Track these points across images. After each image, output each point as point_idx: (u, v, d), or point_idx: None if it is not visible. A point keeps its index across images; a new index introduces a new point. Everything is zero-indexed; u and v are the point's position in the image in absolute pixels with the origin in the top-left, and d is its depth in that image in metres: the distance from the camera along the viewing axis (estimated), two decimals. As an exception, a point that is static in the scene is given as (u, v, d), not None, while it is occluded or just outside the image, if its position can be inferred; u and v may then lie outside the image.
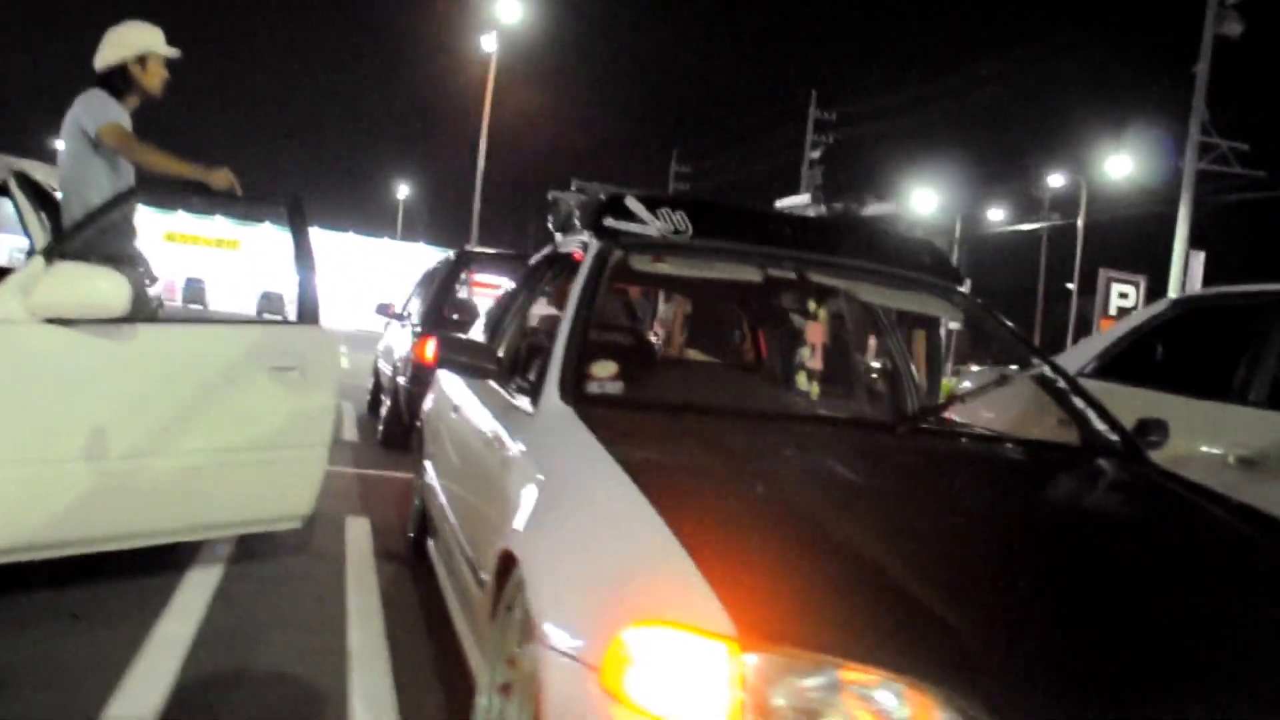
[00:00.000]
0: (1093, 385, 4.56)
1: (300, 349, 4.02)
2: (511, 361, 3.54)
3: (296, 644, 3.46)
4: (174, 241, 52.45)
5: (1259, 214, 24.90)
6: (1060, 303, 33.03)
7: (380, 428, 8.95)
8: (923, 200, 33.92)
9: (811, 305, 3.25)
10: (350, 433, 9.26)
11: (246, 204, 4.49)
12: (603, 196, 3.31)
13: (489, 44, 29.74)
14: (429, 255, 34.10)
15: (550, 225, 3.89)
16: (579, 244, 3.30)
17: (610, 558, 1.78)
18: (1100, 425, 3.01)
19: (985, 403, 5.11)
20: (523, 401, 2.82)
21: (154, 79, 4.29)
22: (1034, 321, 32.46)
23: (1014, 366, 3.29)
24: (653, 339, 6.38)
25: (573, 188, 3.94)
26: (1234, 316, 4.13)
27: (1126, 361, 4.53)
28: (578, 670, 1.61)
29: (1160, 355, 4.44)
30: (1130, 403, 4.37)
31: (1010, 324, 3.38)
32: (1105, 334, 4.80)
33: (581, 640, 1.65)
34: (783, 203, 6.57)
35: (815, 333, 3.19)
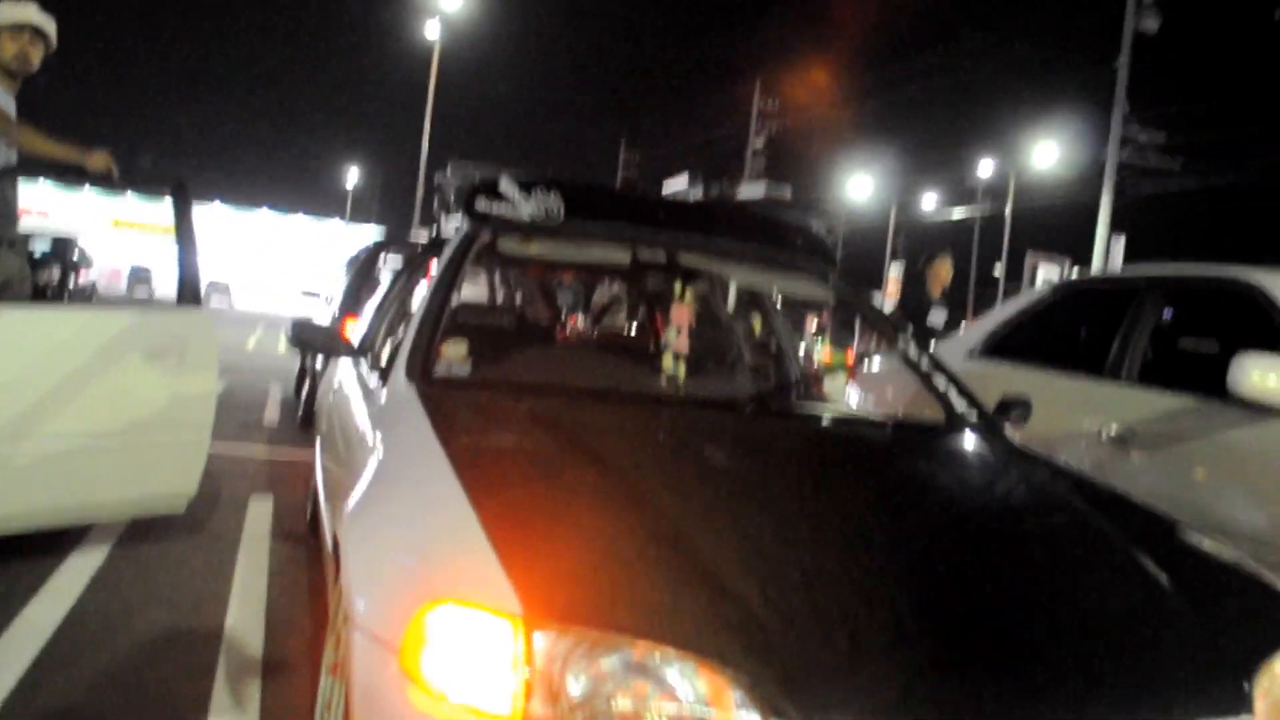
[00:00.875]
0: (979, 364, 4.67)
1: (179, 332, 3.96)
2: (388, 345, 3.52)
3: (170, 624, 3.41)
4: (122, 228, 51.44)
5: (1175, 201, 25.51)
6: (991, 287, 33.64)
7: (300, 409, 8.91)
8: (859, 187, 34.36)
9: (677, 287, 3.27)
10: (272, 414, 9.22)
11: (128, 186, 4.39)
12: (477, 179, 3.32)
13: (432, 31, 29.49)
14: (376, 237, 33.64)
15: (434, 209, 3.88)
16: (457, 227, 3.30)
17: (415, 538, 1.77)
18: (960, 403, 3.06)
19: (883, 383, 5.22)
20: (375, 382, 2.83)
21: (7, 53, 4.16)
22: (967, 304, 33.02)
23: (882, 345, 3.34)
24: (575, 320, 6.36)
25: (448, 171, 3.92)
26: (1109, 299, 4.23)
27: (1013, 341, 4.63)
28: (380, 651, 1.60)
29: (1043, 335, 4.53)
30: (1011, 380, 4.47)
31: (878, 308, 3.44)
32: (993, 315, 4.90)
33: (383, 621, 1.63)
34: (668, 186, 6.64)
35: (681, 314, 3.21)
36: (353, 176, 64.65)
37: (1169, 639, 1.79)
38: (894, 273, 28.96)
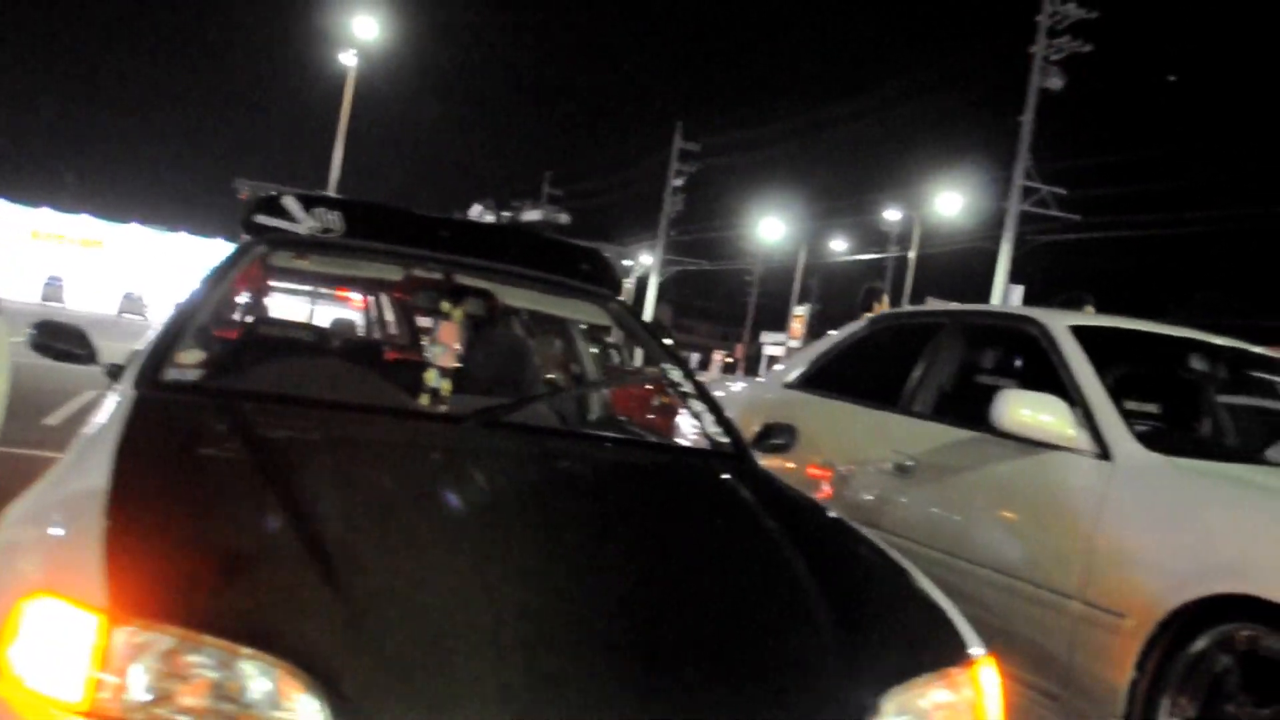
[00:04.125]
0: (793, 395, 4.72)
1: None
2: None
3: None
4: (40, 240, 50.95)
5: (1073, 252, 26.33)
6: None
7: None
8: (770, 229, 34.90)
9: (445, 306, 3.28)
10: (61, 416, 9.00)
11: None
12: (260, 196, 3.34)
13: (348, 60, 29.25)
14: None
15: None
16: None
17: (34, 533, 1.77)
18: (714, 428, 3.06)
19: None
20: (114, 385, 2.76)
21: None
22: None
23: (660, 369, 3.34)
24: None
25: (235, 186, 3.91)
26: (914, 334, 4.31)
27: (828, 373, 4.69)
28: None
29: (855, 368, 4.60)
30: (814, 410, 4.54)
31: (654, 332, 3.46)
32: (815, 346, 4.96)
33: None
34: (471, 213, 6.67)
35: (448, 332, 3.22)
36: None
37: (805, 658, 1.81)
38: (800, 312, 29.44)
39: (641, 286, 38.27)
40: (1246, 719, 2.63)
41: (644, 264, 38.50)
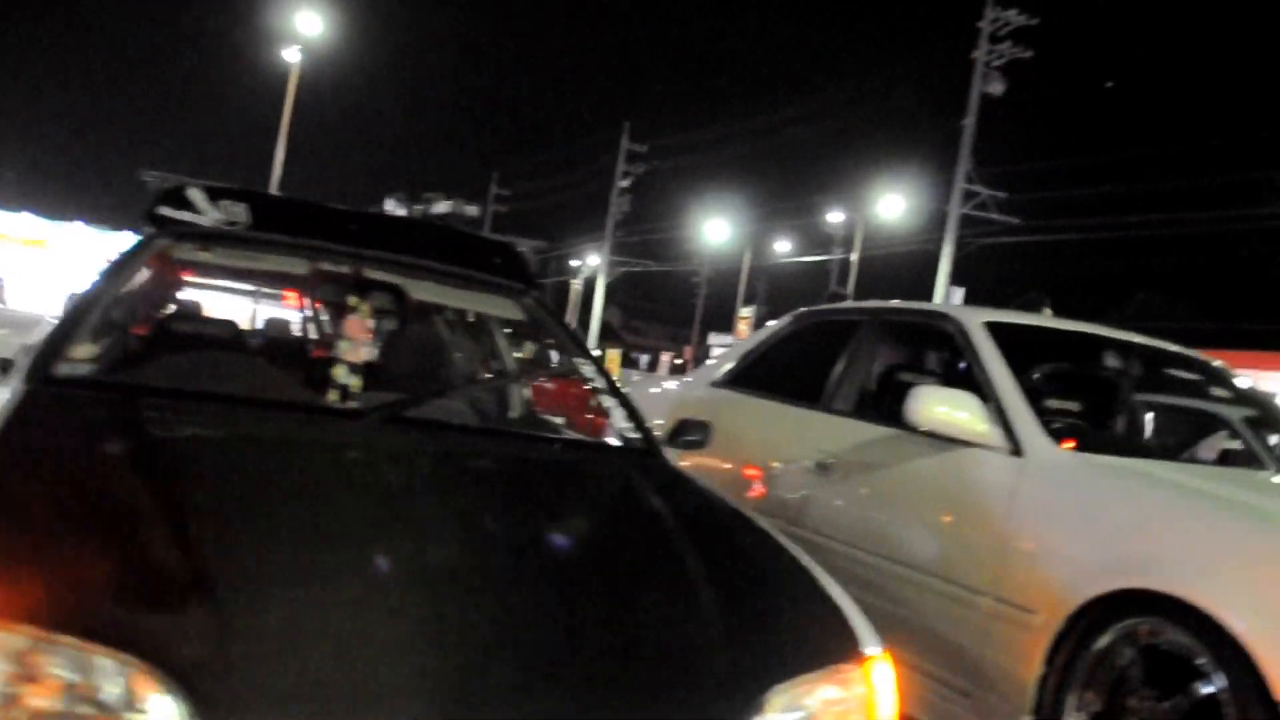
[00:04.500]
0: (719, 393, 4.70)
1: None
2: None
3: None
4: None
5: (1014, 255, 26.70)
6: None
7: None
8: (716, 230, 35.04)
9: (352, 300, 3.21)
10: None
11: None
12: (164, 187, 3.25)
13: (291, 56, 28.79)
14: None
15: None
16: None
17: None
18: (625, 423, 3.02)
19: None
20: (4, 380, 2.67)
21: None
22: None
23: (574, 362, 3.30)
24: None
25: (143, 178, 3.81)
26: (834, 332, 4.31)
27: (754, 370, 4.67)
28: None
29: (779, 365, 4.59)
30: (743, 409, 4.52)
31: (569, 327, 3.42)
32: (742, 343, 4.94)
33: None
34: (386, 206, 6.59)
35: (355, 327, 3.15)
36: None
37: (689, 655, 1.79)
38: (745, 313, 29.57)
39: (589, 287, 38.18)
40: (1148, 713, 2.64)
41: (591, 265, 38.45)
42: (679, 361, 32.98)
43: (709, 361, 5.08)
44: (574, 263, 40.07)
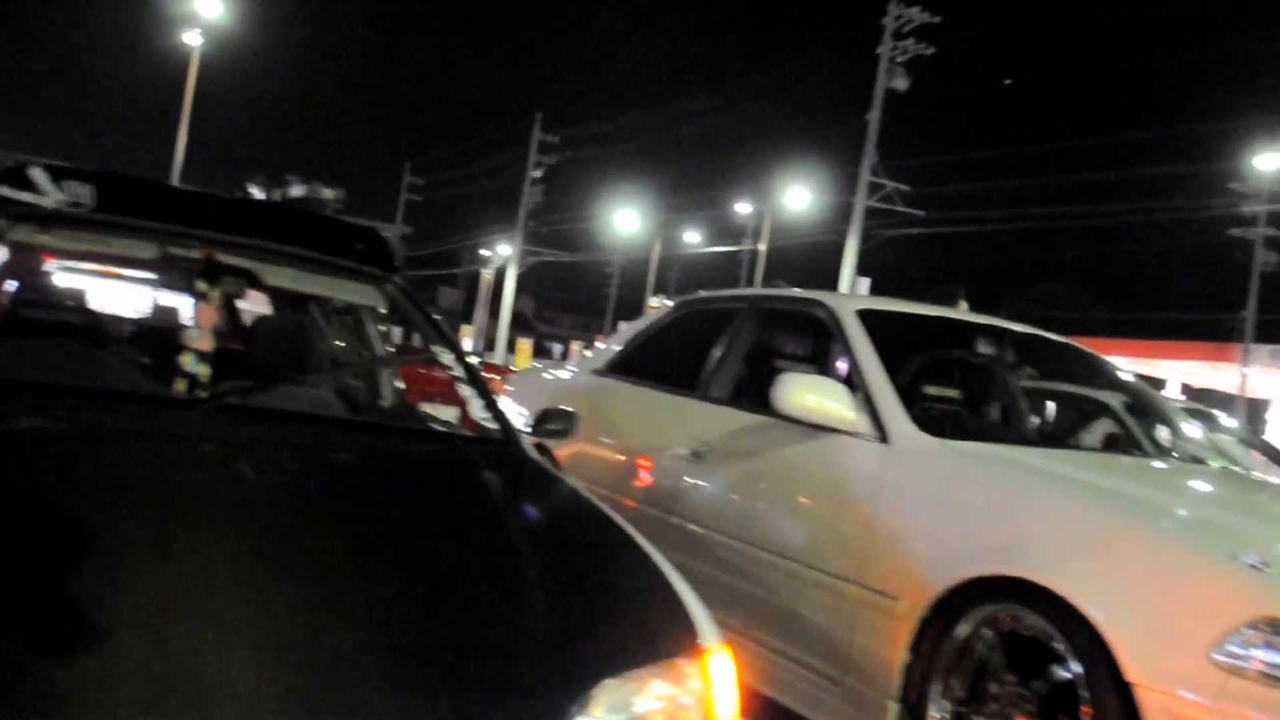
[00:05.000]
0: (600, 381, 4.61)
1: None
2: None
3: None
4: None
5: (919, 247, 27.17)
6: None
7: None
8: (626, 220, 35.00)
9: (201, 285, 3.04)
10: None
11: None
12: (3, 166, 3.06)
13: (192, 40, 27.80)
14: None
15: None
16: None
17: None
18: (483, 413, 2.92)
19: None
20: None
21: None
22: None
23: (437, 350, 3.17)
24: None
25: None
26: (715, 319, 4.24)
27: (636, 359, 4.59)
28: None
29: (661, 353, 4.51)
30: (622, 397, 4.44)
31: (431, 315, 3.29)
32: (625, 331, 4.85)
33: None
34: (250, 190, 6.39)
35: (205, 314, 2.99)
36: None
37: (507, 653, 1.71)
38: (654, 303, 29.57)
39: (500, 277, 37.82)
40: (1010, 698, 2.63)
41: (502, 255, 38.09)
42: (589, 352, 32.84)
43: (594, 349, 4.98)
44: (485, 252, 39.64)
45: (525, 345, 31.38)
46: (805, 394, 3.17)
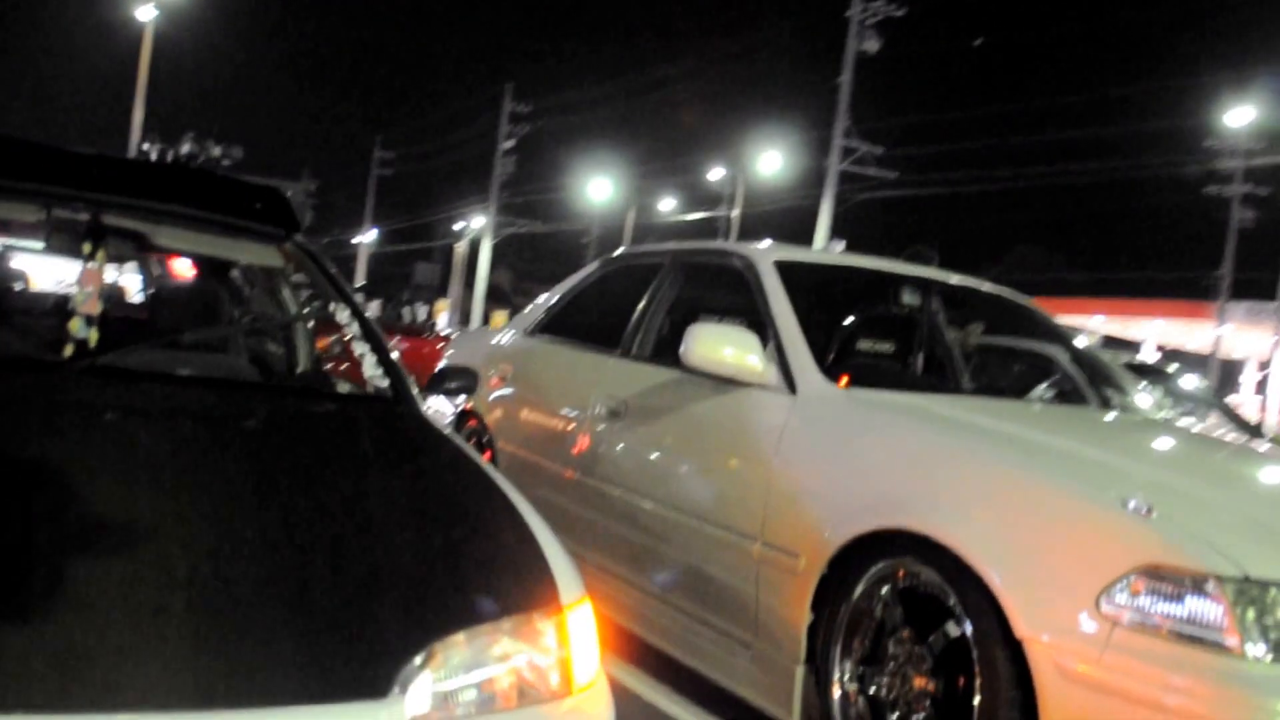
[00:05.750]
0: (530, 341, 4.52)
1: None
2: None
3: None
4: None
5: (893, 209, 27.07)
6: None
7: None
8: (600, 189, 34.75)
9: (86, 248, 2.94)
10: None
11: None
12: None
13: (146, 14, 27.14)
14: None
15: None
16: None
17: None
18: (375, 370, 2.83)
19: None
20: None
21: None
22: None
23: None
24: None
25: None
26: (639, 274, 4.13)
27: (565, 317, 4.49)
28: None
29: (587, 311, 4.41)
30: (546, 356, 4.35)
31: (334, 274, 3.18)
32: (555, 290, 4.74)
33: None
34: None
35: (90, 277, 2.88)
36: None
37: (348, 609, 1.68)
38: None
39: (475, 251, 37.50)
40: (906, 657, 2.55)
41: (475, 227, 37.77)
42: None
43: (527, 310, 4.87)
44: (458, 226, 39.30)
45: (500, 317, 31.11)
46: (712, 346, 3.07)
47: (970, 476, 2.54)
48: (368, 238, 47.26)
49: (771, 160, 28.32)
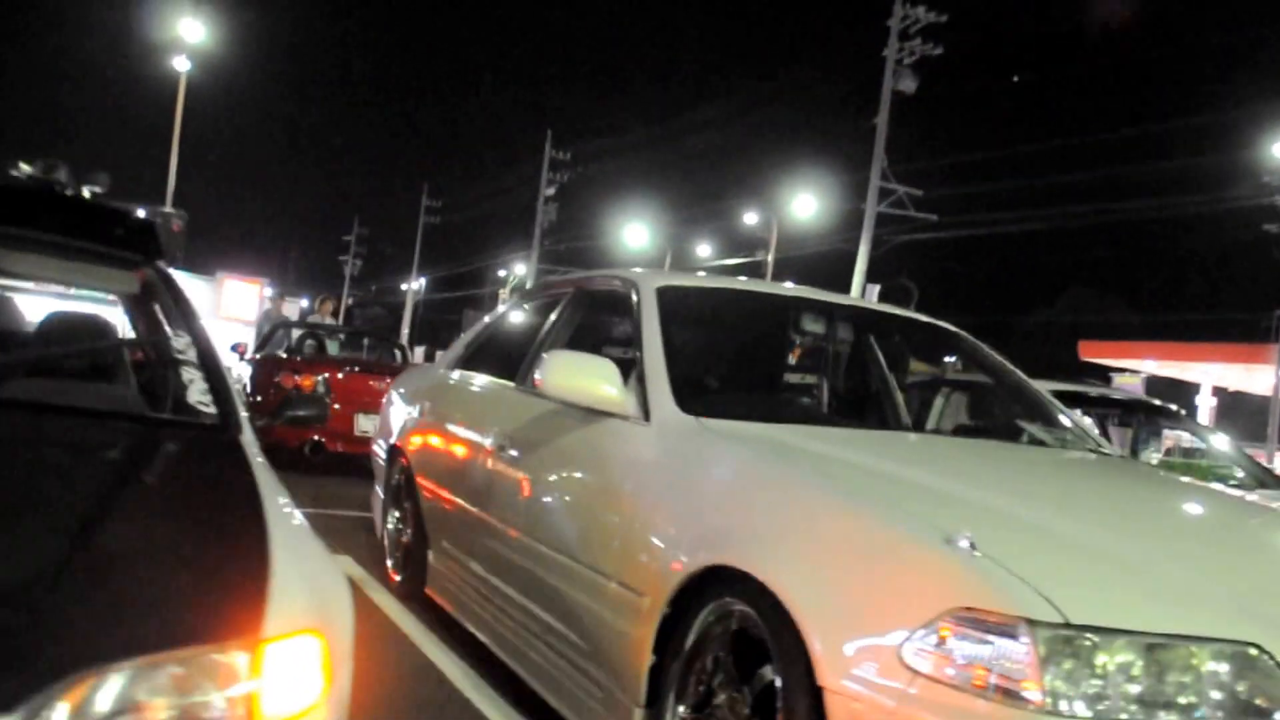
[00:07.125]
0: (448, 375, 4.42)
1: None
2: None
3: None
4: None
5: (932, 252, 26.68)
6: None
7: None
8: (638, 235, 34.80)
9: None
10: None
11: None
12: None
13: (180, 65, 27.64)
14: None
15: None
16: None
17: None
18: (203, 398, 2.71)
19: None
20: None
21: None
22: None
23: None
24: None
25: None
26: (545, 306, 4.02)
27: (480, 352, 4.39)
28: None
29: (500, 343, 4.31)
30: (458, 390, 4.25)
31: (187, 303, 3.09)
32: (475, 325, 4.64)
33: None
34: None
35: None
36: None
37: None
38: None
39: (519, 296, 37.83)
40: (729, 703, 2.34)
41: (518, 274, 38.07)
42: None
43: (450, 345, 4.78)
44: (502, 273, 39.69)
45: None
46: (567, 374, 2.91)
47: (791, 508, 2.34)
48: (417, 283, 47.91)
49: (807, 204, 28.10)
